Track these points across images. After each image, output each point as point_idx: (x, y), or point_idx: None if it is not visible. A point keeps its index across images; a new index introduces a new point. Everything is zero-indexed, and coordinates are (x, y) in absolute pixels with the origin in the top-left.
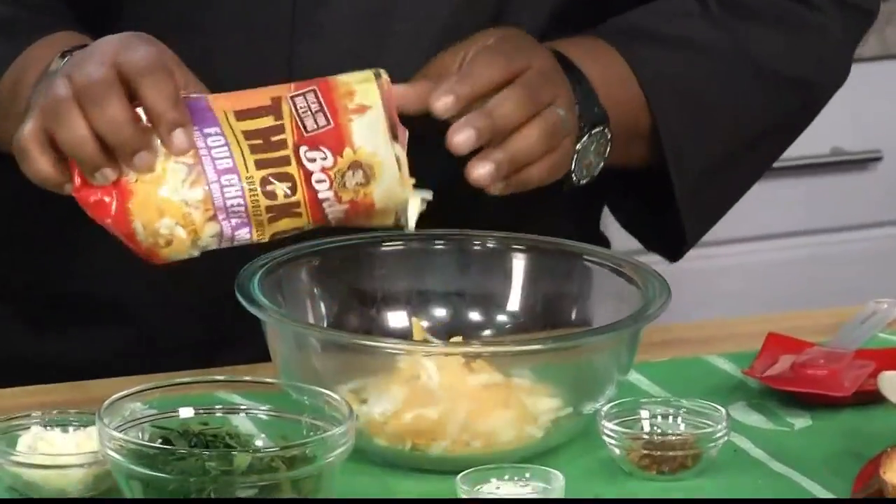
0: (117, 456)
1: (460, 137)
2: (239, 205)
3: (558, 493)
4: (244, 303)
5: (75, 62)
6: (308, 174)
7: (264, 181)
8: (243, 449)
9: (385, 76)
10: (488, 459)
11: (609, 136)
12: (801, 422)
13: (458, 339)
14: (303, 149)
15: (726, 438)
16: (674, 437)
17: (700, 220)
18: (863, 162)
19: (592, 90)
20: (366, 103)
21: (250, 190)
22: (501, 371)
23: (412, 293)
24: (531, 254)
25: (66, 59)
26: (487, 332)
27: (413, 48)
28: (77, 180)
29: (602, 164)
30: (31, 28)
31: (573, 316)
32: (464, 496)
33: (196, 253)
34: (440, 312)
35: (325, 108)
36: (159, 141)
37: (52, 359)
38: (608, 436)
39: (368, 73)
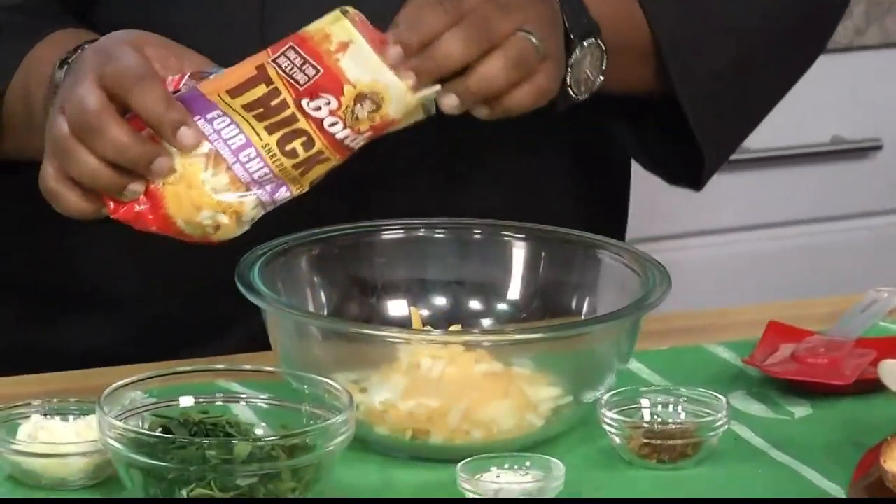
0: (117, 445)
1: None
2: (266, 174)
3: (558, 482)
4: (244, 291)
5: (66, 90)
6: (319, 122)
7: (280, 143)
8: (243, 438)
9: (351, 10)
10: (488, 448)
11: (604, 48)
12: (801, 410)
13: (458, 327)
14: (304, 101)
15: (726, 427)
16: (674, 426)
17: (716, 140)
18: (863, 150)
19: (580, 2)
20: (344, 39)
21: (271, 156)
22: (501, 360)
23: (412, 282)
24: (531, 242)
25: (65, 69)
26: (487, 321)
27: (385, 18)
28: (110, 204)
29: (600, 79)
30: (29, 32)
31: (573, 304)
32: (464, 485)
33: (247, 227)
34: (440, 301)
35: (309, 59)
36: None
37: (49, 347)
38: (608, 424)
39: (335, 13)
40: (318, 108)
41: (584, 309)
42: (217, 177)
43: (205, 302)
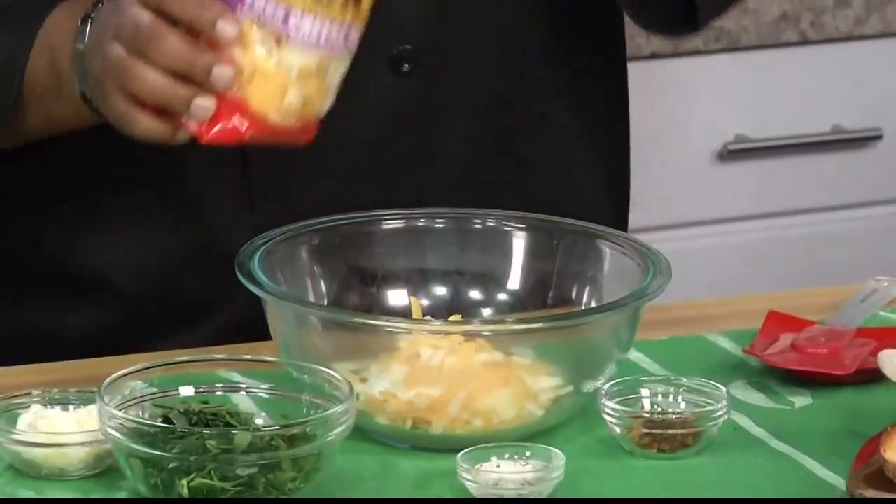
0: (118, 434)
1: None
2: (321, 29)
3: (558, 472)
4: (244, 281)
5: (115, 21)
6: None
7: None
8: (244, 427)
9: None
10: (489, 438)
11: None
12: (801, 400)
13: (458, 317)
14: None
15: (727, 417)
16: (674, 416)
17: None
18: (863, 140)
19: None
20: None
21: (314, 11)
22: (502, 349)
23: (412, 271)
24: (531, 232)
25: (89, 22)
26: (488, 311)
27: None
28: (196, 127)
29: None
30: (37, 10)
31: (573, 294)
32: (464, 475)
33: (335, 90)
34: (440, 291)
35: None
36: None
37: (41, 334)
38: (609, 414)
39: None
40: None
41: (585, 298)
42: (286, 56)
43: (197, 284)
